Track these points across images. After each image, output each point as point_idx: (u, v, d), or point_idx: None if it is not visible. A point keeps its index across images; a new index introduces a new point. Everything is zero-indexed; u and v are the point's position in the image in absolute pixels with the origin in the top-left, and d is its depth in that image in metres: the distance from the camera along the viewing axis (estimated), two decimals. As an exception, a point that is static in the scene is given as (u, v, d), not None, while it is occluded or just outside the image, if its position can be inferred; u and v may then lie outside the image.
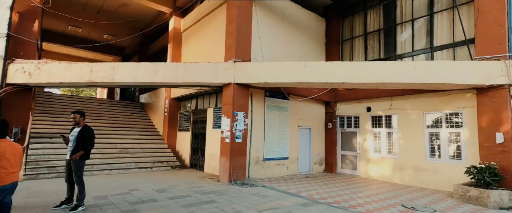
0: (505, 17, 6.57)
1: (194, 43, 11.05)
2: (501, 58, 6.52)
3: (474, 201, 6.20)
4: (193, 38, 11.21)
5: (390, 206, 5.83)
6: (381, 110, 9.51)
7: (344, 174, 10.36)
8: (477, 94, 7.14)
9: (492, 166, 6.36)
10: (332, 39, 11.28)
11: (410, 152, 8.59)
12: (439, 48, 8.29)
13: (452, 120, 7.88)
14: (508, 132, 6.44)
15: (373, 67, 7.22)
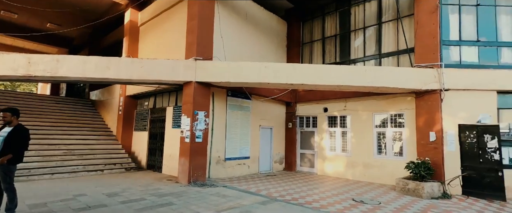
0: (438, 31, 7.53)
1: (153, 39, 10.50)
2: (434, 66, 7.45)
3: (412, 193, 6.98)
4: (151, 33, 10.64)
5: (342, 201, 6.26)
6: (336, 110, 10.14)
7: (303, 172, 10.81)
8: (416, 97, 8.04)
9: (426, 161, 7.23)
10: (293, 41, 11.69)
11: (361, 150, 9.32)
12: (386, 55, 9.14)
13: (396, 121, 8.75)
14: (439, 131, 7.37)
15: (330, 70, 7.67)
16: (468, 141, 7.26)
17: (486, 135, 7.08)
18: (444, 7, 7.75)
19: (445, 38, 7.69)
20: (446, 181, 7.14)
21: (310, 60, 11.33)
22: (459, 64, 7.65)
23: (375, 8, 9.59)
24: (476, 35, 7.74)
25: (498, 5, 7.80)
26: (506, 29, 7.76)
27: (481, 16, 7.78)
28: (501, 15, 7.78)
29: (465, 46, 7.73)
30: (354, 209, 5.57)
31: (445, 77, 7.32)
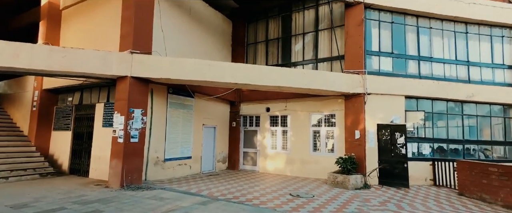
0: (363, 42, 8.63)
1: (80, 26, 9.22)
2: (360, 73, 8.51)
3: (340, 185, 7.82)
4: (78, 19, 9.32)
5: (280, 196, 6.61)
6: (278, 110, 10.64)
7: (246, 170, 11.01)
8: (345, 100, 9.03)
9: (352, 157, 8.19)
10: (238, 41, 11.79)
11: (299, 148, 9.99)
12: (322, 60, 10.01)
13: (329, 120, 9.66)
14: (362, 130, 8.43)
15: (272, 71, 8.00)
16: (384, 138, 8.50)
17: (396, 133, 8.41)
18: (368, 21, 8.91)
19: (369, 49, 8.85)
20: (367, 173, 8.21)
21: (254, 60, 11.61)
22: (378, 72, 8.91)
23: (313, 16, 10.41)
24: (391, 48, 9.13)
25: (406, 24, 9.35)
26: (412, 44, 9.36)
27: (395, 33, 9.22)
28: (408, 33, 9.35)
29: (383, 56, 9.04)
30: (291, 203, 5.94)
31: (367, 82, 8.42)
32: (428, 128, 9.38)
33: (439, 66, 9.53)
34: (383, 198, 6.69)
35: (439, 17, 9.52)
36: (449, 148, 9.52)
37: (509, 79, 9.99)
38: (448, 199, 6.90)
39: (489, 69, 9.91)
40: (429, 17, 9.52)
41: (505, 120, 9.93)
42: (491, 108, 9.85)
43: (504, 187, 6.20)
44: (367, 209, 5.65)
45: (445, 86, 9.20)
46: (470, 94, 9.32)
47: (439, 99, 9.29)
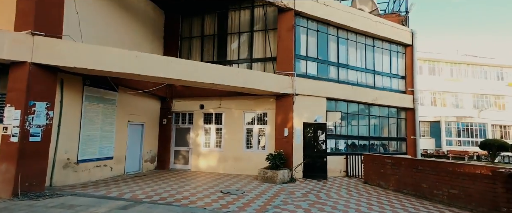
0: (293, 46, 9.32)
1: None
2: (290, 74, 9.16)
3: (269, 180, 8.25)
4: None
5: (211, 194, 6.56)
6: (212, 108, 10.52)
7: (177, 169, 10.51)
8: (276, 99, 9.59)
9: (281, 153, 8.74)
10: (171, 34, 11.16)
11: (232, 145, 10.10)
12: (256, 60, 10.37)
13: (262, 119, 10.08)
14: (291, 128, 9.09)
15: (208, 68, 7.85)
16: (309, 136, 9.36)
17: (319, 131, 9.38)
18: (298, 27, 9.67)
19: (297, 53, 9.61)
20: (293, 168, 8.90)
21: (189, 56, 11.19)
22: (305, 75, 9.76)
23: (249, 17, 10.69)
24: (316, 54, 10.13)
25: (329, 33, 10.53)
26: (333, 52, 10.59)
27: (320, 40, 10.27)
28: (330, 42, 10.56)
29: (310, 61, 9.95)
30: (221, 201, 5.96)
31: (296, 84, 9.13)
32: (344, 126, 10.78)
33: (353, 73, 11.07)
34: (305, 190, 7.36)
35: (354, 30, 11.05)
36: (359, 143, 11.16)
37: (402, 87, 12.34)
38: (356, 187, 8.09)
39: (389, 78, 12.04)
40: (346, 30, 10.95)
41: (398, 120, 12.23)
42: (389, 110, 11.99)
43: (394, 175, 7.64)
44: (291, 201, 6.13)
45: (357, 91, 10.74)
46: (375, 98, 11.13)
47: (353, 101, 10.79)
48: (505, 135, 25.93)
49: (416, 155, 11.81)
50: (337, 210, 5.55)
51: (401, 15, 13.07)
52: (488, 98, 26.61)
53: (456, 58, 26.75)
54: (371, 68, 11.56)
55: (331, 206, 5.84)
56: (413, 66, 12.33)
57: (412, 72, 12.30)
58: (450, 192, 6.16)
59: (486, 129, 24.73)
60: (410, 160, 7.75)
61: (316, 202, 6.14)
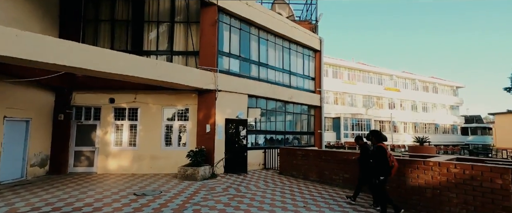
0: (216, 42, 9.29)
1: None
2: (212, 70, 9.10)
3: (190, 178, 8.03)
4: None
5: (123, 198, 5.90)
6: (125, 102, 9.43)
7: (78, 173, 8.97)
8: (198, 95, 9.38)
9: (202, 149, 8.62)
10: (70, 14, 9.36)
11: (149, 143, 9.32)
12: (177, 53, 9.86)
13: (183, 115, 9.67)
14: (213, 124, 9.07)
15: (119, 57, 6.96)
16: (230, 131, 9.56)
17: (240, 127, 9.70)
18: (221, 24, 9.68)
19: (221, 49, 9.63)
20: (215, 164, 8.92)
21: (95, 42, 9.66)
22: (228, 71, 9.90)
23: (169, 6, 10.03)
24: (239, 51, 10.40)
25: (251, 33, 10.98)
26: (254, 51, 11.11)
27: (242, 39, 10.59)
28: (252, 41, 11.03)
29: (232, 58, 10.14)
30: (134, 204, 5.45)
31: (219, 80, 9.15)
32: (263, 122, 11.49)
33: (272, 72, 11.91)
34: (226, 185, 7.51)
35: (274, 32, 11.86)
36: (276, 138, 12.12)
37: (312, 87, 14.03)
38: (272, 178, 8.77)
39: (302, 78, 13.49)
40: (267, 31, 11.65)
41: (308, 116, 13.88)
42: (302, 107, 13.47)
43: (304, 165, 8.66)
44: (212, 197, 6.15)
45: (276, 89, 11.61)
46: (291, 96, 12.30)
47: (272, 99, 11.60)
48: (383, 128, 32.93)
49: (321, 147, 13.68)
50: (255, 200, 5.90)
51: (312, 23, 14.81)
52: (372, 99, 33.20)
53: (352, 65, 32.23)
54: (287, 68, 12.67)
55: (249, 198, 6.15)
56: (320, 69, 14.18)
57: (320, 74, 14.13)
58: (344, 177, 7.42)
59: (370, 124, 30.84)
60: (316, 151, 8.92)
61: (236, 195, 6.35)
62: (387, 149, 4.90)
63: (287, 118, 12.67)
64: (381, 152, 4.79)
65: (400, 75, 35.79)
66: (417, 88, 37.12)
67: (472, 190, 4.48)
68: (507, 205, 4.15)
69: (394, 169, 4.81)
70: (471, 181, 4.50)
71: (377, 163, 4.82)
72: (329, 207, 5.54)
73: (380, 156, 4.77)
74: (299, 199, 6.07)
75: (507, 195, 4.16)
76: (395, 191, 5.41)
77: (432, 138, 30.65)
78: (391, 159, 4.76)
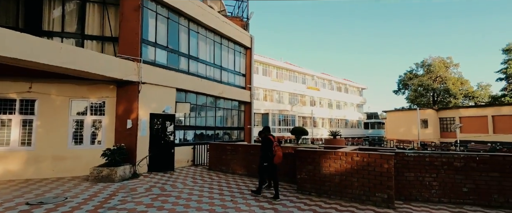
0: (140, 29, 8.43)
1: None
2: (135, 60, 8.24)
3: (105, 179, 7.10)
4: None
5: (8, 210, 4.77)
6: (15, 92, 7.62)
7: None
8: (118, 87, 8.36)
9: (122, 147, 7.75)
10: None
11: (51, 141, 7.81)
12: (90, 38, 8.53)
13: (97, 108, 8.45)
14: (135, 119, 8.25)
15: (5, 36, 5.53)
16: (156, 127, 8.89)
17: (167, 122, 9.13)
18: (146, 10, 8.84)
19: (145, 37, 8.80)
20: (137, 162, 8.15)
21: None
22: (154, 63, 9.15)
23: (82, -18, 8.58)
24: (166, 42, 9.73)
25: (180, 23, 10.40)
26: (184, 43, 10.59)
27: (170, 29, 9.93)
28: (181, 33, 10.48)
29: (159, 49, 9.41)
30: (27, 216, 4.47)
31: (143, 71, 8.36)
32: (193, 117, 11.12)
33: (203, 66, 11.61)
34: (149, 184, 6.96)
35: (205, 26, 11.56)
36: (207, 133, 11.92)
37: (242, 83, 14.33)
38: (201, 174, 8.60)
39: (233, 74, 13.62)
40: (198, 24, 11.26)
41: (239, 112, 14.15)
42: (233, 103, 13.62)
43: (233, 159, 8.80)
44: (131, 199, 5.60)
45: (206, 84, 11.38)
46: (221, 91, 12.26)
47: (202, 93, 11.32)
48: (305, 123, 36.44)
49: (250, 142, 14.17)
50: (181, 199, 5.66)
51: (243, 20, 15.09)
52: (297, 97, 36.30)
53: (280, 64, 34.44)
54: (218, 63, 12.57)
55: (175, 196, 5.87)
56: (251, 66, 14.61)
57: (250, 71, 14.55)
58: (270, 168, 7.87)
59: (295, 119, 33.70)
60: (245, 146, 9.17)
61: (160, 194, 5.96)
62: (274, 141, 5.88)
63: (217, 113, 12.60)
64: (267, 143, 5.85)
65: (320, 76, 40.21)
66: (333, 88, 42.43)
67: (368, 174, 5.40)
68: (390, 184, 5.17)
69: (275, 157, 5.76)
70: (368, 166, 5.42)
71: (263, 152, 5.86)
72: (255, 198, 5.78)
73: (266, 146, 5.83)
74: (227, 194, 6.14)
75: (390, 177, 5.17)
76: (312, 179, 6.05)
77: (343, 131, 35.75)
78: (275, 149, 5.76)
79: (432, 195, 5.59)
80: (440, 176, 5.57)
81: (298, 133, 25.00)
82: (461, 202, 5.43)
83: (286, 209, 5.07)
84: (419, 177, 5.69)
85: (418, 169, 5.70)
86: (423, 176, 5.67)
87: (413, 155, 5.81)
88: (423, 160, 5.70)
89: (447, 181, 5.53)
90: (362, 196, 5.43)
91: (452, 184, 5.50)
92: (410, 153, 5.88)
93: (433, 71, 43.28)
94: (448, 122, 31.33)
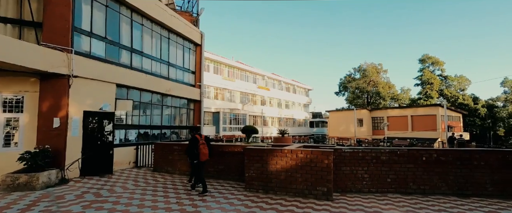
0: (71, 15, 7.40)
1: None
2: (65, 50, 7.21)
3: (23, 187, 6.06)
4: None
5: None
6: None
7: None
8: (41, 80, 7.22)
9: (46, 149, 6.72)
10: None
11: None
12: (4, 21, 7.16)
13: (13, 105, 7.16)
14: (64, 117, 7.24)
15: None
16: (91, 126, 7.96)
17: (105, 121, 8.25)
18: (79, -6, 7.82)
19: (78, 25, 7.79)
20: (66, 166, 7.17)
21: None
22: (89, 54, 8.17)
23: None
24: (105, 32, 8.78)
25: (121, 13, 9.51)
26: (126, 35, 9.72)
27: (109, 18, 8.99)
28: (123, 23, 9.60)
29: (95, 39, 8.43)
30: None
31: (75, 63, 7.37)
32: (136, 116, 10.30)
33: (148, 61, 10.85)
34: (81, 190, 6.19)
35: (150, 18, 10.81)
36: (152, 133, 11.18)
37: (192, 81, 13.86)
38: (144, 176, 8.03)
39: (181, 71, 13.06)
40: (142, 15, 10.46)
41: (188, 110, 13.65)
42: (181, 101, 13.06)
43: (181, 160, 8.43)
44: (57, 208, 4.89)
45: (152, 80, 10.66)
46: (169, 88, 11.65)
47: (147, 90, 10.56)
48: (255, 122, 37.17)
49: (200, 140, 13.79)
50: (120, 204, 5.18)
51: (193, 16, 14.61)
52: (248, 96, 36.78)
53: (232, 63, 34.41)
54: (165, 59, 11.90)
55: (113, 201, 5.34)
56: (201, 64, 14.23)
57: (200, 68, 14.17)
58: (219, 168, 7.79)
59: (246, 118, 34.10)
60: (193, 145, 8.87)
61: (94, 201, 5.35)
62: (200, 140, 6.15)
63: (165, 111, 11.94)
64: (193, 142, 6.15)
65: (270, 76, 41.48)
66: (282, 88, 44.21)
67: (310, 170, 5.77)
68: (329, 178, 5.62)
69: (200, 155, 6.05)
70: (310, 163, 5.79)
71: (190, 150, 6.20)
72: (202, 199, 5.65)
73: (193, 145, 6.15)
74: (172, 195, 5.86)
75: (329, 171, 5.63)
76: (260, 177, 6.19)
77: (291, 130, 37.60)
78: (200, 148, 6.07)
79: (364, 186, 6.28)
80: (370, 169, 6.28)
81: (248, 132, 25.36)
82: (385, 191, 6.23)
83: (233, 207, 5.08)
84: (354, 171, 6.32)
85: (352, 163, 6.33)
86: (357, 169, 6.32)
87: (349, 151, 6.42)
88: (357, 155, 6.35)
89: (376, 173, 6.27)
90: (305, 191, 5.77)
91: (379, 175, 6.27)
92: (346, 149, 6.49)
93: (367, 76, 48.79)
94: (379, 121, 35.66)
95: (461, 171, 6.16)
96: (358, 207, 5.22)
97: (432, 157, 6.22)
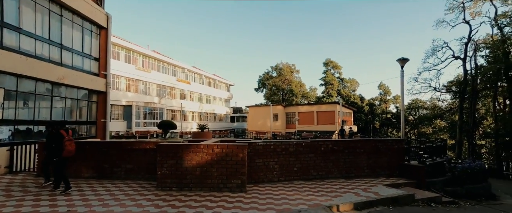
0: None
1: None
2: None
3: None
4: None
5: None
6: None
7: None
8: None
9: None
10: None
11: None
12: None
13: None
14: None
15: None
16: None
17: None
18: None
19: None
20: None
21: None
22: None
23: None
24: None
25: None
26: (-4, 5, 7.49)
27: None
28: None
29: None
30: None
31: None
32: (11, 108, 8.13)
33: (30, 41, 8.67)
34: None
35: (35, -13, 8.65)
36: (39, 130, 9.06)
37: (95, 69, 11.90)
38: (22, 184, 6.43)
39: (80, 57, 11.03)
40: (23, -18, 8.27)
41: (89, 103, 11.68)
42: (80, 92, 11.05)
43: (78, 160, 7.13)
44: None
45: (36, 64, 8.59)
46: (61, 76, 9.65)
47: (29, 77, 8.46)
48: (174, 117, 35.22)
49: (105, 138, 12.06)
50: (-22, 223, 3.96)
51: (98, -7, 12.52)
52: (166, 89, 34.42)
53: (147, 52, 31.40)
54: (57, 41, 9.78)
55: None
56: (107, 50, 12.37)
57: (106, 55, 12.30)
58: (127, 167, 7.00)
59: (163, 112, 31.88)
60: (94, 144, 7.70)
61: None
62: (66, 136, 5.81)
63: (57, 104, 9.87)
64: (55, 137, 5.83)
65: (191, 70, 39.99)
66: (203, 83, 43.34)
67: (226, 164, 5.86)
68: (243, 171, 5.86)
69: (65, 152, 5.71)
70: (226, 157, 5.87)
71: (53, 147, 5.84)
72: (103, 204, 4.95)
73: (53, 140, 5.85)
74: (63, 204, 4.90)
75: (244, 164, 5.86)
76: (174, 174, 5.88)
77: (211, 125, 37.42)
78: (65, 144, 5.73)
79: (274, 176, 6.83)
80: (280, 160, 6.88)
81: (165, 127, 23.86)
82: (292, 179, 6.96)
83: (141, 209, 4.66)
84: (266, 162, 6.78)
85: (265, 155, 6.78)
86: (269, 161, 6.81)
87: (262, 144, 6.85)
88: (269, 148, 6.84)
89: (284, 163, 6.92)
90: (220, 185, 5.83)
91: (288, 165, 6.94)
92: (260, 142, 6.90)
93: (283, 75, 53.43)
94: (291, 116, 39.61)
95: (349, 158, 7.48)
96: (268, 195, 5.64)
97: (328, 147, 7.31)
